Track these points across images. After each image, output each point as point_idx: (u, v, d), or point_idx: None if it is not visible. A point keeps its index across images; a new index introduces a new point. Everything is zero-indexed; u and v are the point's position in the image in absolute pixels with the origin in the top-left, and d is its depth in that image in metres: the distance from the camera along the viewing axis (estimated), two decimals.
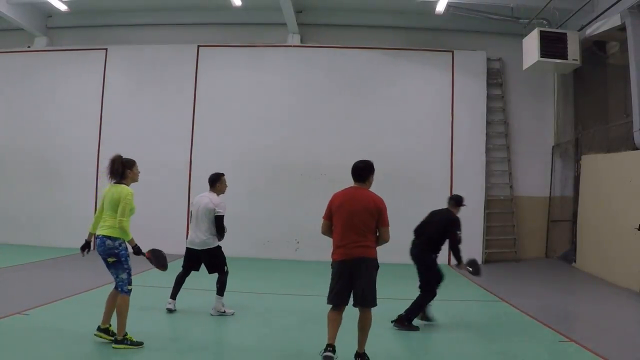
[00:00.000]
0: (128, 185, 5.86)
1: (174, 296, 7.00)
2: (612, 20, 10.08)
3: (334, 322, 4.89)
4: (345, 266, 4.86)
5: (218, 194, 7.22)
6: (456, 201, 7.06)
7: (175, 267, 7.12)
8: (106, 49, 13.27)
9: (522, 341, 6.11)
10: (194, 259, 7.10)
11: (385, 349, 5.58)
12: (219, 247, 7.11)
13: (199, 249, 7.01)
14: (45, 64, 13.39)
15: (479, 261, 11.01)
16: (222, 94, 12.89)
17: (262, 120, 12.75)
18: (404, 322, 6.37)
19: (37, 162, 13.18)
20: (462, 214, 7.10)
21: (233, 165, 12.43)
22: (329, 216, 5.05)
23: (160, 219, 12.52)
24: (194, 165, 12.74)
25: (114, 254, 5.56)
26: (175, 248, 12.62)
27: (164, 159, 12.73)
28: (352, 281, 4.84)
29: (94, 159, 13.00)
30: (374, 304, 4.89)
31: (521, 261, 12.58)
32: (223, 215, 7.03)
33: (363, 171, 5.14)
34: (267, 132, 12.71)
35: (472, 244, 12.41)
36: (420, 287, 6.69)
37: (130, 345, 5.26)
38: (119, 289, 5.51)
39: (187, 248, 7.15)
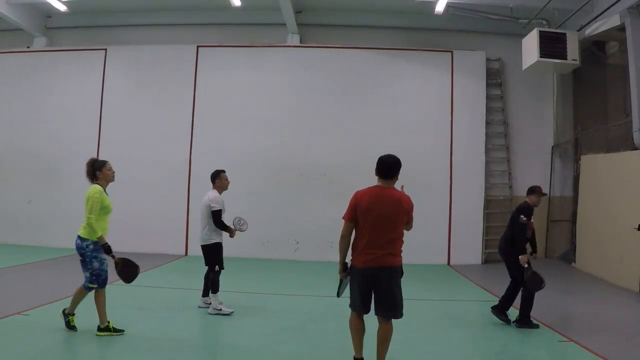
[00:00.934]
0: (104, 186, 5.98)
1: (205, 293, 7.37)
2: (611, 21, 10.09)
3: (359, 332, 4.67)
4: (369, 274, 4.53)
5: (219, 191, 7.32)
6: (531, 190, 7.25)
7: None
8: (106, 49, 13.27)
9: (522, 341, 6.11)
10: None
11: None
12: (215, 244, 7.20)
13: (200, 244, 7.34)
14: (45, 64, 13.38)
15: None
16: (221, 94, 12.89)
17: (261, 120, 12.75)
18: (524, 322, 6.67)
19: (36, 163, 13.17)
20: (463, 213, 7.10)
21: (232, 165, 12.38)
22: (353, 217, 4.58)
23: (160, 219, 12.53)
24: (194, 165, 12.74)
25: (81, 254, 5.87)
26: (175, 248, 12.73)
27: (164, 159, 12.74)
28: (376, 289, 4.55)
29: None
30: (401, 315, 4.65)
31: None
32: (218, 210, 7.07)
33: (393, 168, 4.65)
34: (266, 132, 12.72)
35: (472, 244, 12.44)
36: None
37: (112, 332, 5.67)
38: (83, 283, 5.89)
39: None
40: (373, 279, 4.51)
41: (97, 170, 5.95)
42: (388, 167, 4.64)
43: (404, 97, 12.73)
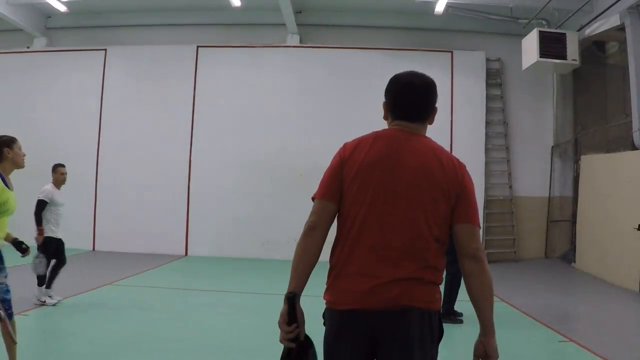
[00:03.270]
0: (8, 172, 4.54)
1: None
2: (611, 21, 10.09)
3: None
4: (365, 327, 2.12)
5: (57, 185, 7.39)
6: None
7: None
8: (105, 50, 13.27)
9: (522, 341, 6.11)
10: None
11: None
12: (47, 238, 6.84)
13: None
14: (45, 65, 13.37)
15: None
16: (221, 95, 12.89)
17: (261, 120, 12.75)
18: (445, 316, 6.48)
19: (36, 162, 12.98)
20: None
21: (232, 165, 12.45)
22: (334, 191, 2.21)
23: (160, 219, 12.53)
24: (193, 165, 12.74)
25: None
26: (175, 248, 12.73)
27: (164, 159, 12.74)
28: None
29: (93, 159, 13.00)
30: None
31: (521, 261, 12.58)
32: (41, 200, 7.00)
33: (424, 94, 2.43)
34: (266, 132, 12.71)
35: None
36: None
37: None
38: None
39: None
40: (373, 341, 2.12)
41: (4, 147, 4.34)
42: (416, 92, 2.41)
43: None
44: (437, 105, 2.46)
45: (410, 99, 2.36)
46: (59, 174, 7.49)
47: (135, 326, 6.20)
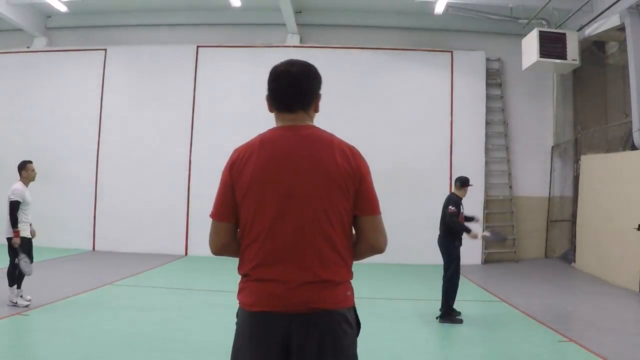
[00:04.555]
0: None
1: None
2: (611, 21, 10.09)
3: None
4: (274, 329, 2.07)
5: (26, 183, 7.12)
6: (461, 182, 7.27)
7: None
8: (105, 50, 13.27)
9: (522, 341, 6.11)
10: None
11: (387, 348, 5.58)
12: (9, 239, 6.71)
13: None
14: (45, 65, 13.37)
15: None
16: (221, 95, 12.89)
17: (261, 120, 12.64)
18: (445, 317, 6.58)
19: (36, 162, 13.04)
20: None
21: None
22: (230, 206, 2.16)
23: (160, 219, 12.53)
24: (193, 165, 12.74)
25: None
26: (175, 248, 12.73)
27: (163, 159, 12.74)
28: None
29: (93, 159, 13.00)
30: None
31: (521, 261, 12.59)
32: (15, 201, 6.78)
33: (302, 81, 2.30)
34: None
35: (472, 244, 12.40)
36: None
37: None
38: None
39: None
40: (283, 344, 2.06)
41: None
42: (295, 83, 2.27)
43: (404, 97, 12.73)
44: (321, 92, 2.37)
45: (289, 87, 2.24)
46: (29, 170, 7.22)
47: (135, 326, 6.20)
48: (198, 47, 13.11)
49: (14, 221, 6.66)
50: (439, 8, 11.51)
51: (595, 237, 10.75)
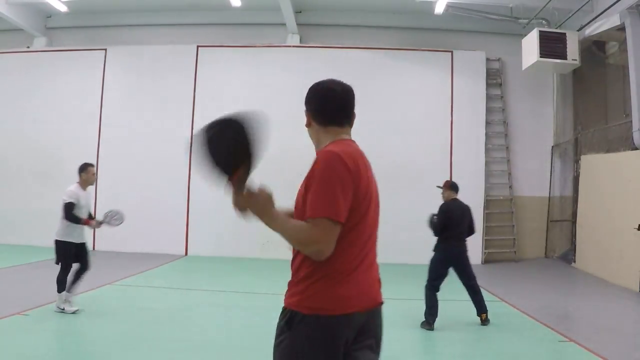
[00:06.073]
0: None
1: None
2: (611, 20, 10.09)
3: None
4: (357, 324, 2.18)
5: (83, 186, 6.90)
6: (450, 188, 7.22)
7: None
8: (105, 49, 13.27)
9: (522, 341, 6.11)
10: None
11: (385, 349, 5.57)
12: (66, 243, 6.65)
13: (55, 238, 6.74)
14: (45, 65, 13.37)
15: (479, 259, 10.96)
16: (221, 94, 12.87)
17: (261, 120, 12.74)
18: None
19: (36, 162, 13.17)
20: None
21: None
22: (347, 211, 2.14)
23: (160, 219, 12.53)
24: (194, 165, 12.74)
25: None
26: (174, 248, 12.73)
27: (164, 159, 12.73)
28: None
29: (93, 159, 12.97)
30: None
31: (520, 261, 12.59)
32: (69, 203, 6.59)
33: (352, 98, 2.49)
34: (266, 132, 12.71)
35: (471, 244, 12.37)
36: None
37: None
38: None
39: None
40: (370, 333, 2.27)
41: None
42: (350, 99, 2.49)
43: (404, 97, 12.73)
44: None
45: (352, 103, 2.55)
46: (90, 174, 6.95)
47: (135, 326, 6.20)
48: (198, 47, 13.12)
49: (75, 220, 6.52)
50: (439, 8, 11.51)
51: (595, 237, 10.75)
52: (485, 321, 6.57)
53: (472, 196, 12.61)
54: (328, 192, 2.10)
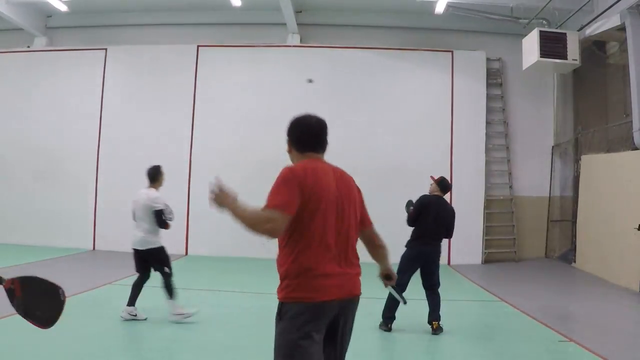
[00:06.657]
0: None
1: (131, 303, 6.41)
2: (611, 20, 10.09)
3: None
4: (330, 313, 2.76)
5: (157, 188, 7.08)
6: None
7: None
8: (106, 49, 13.26)
9: (522, 341, 6.12)
10: (138, 259, 6.67)
11: (385, 349, 5.58)
12: (161, 247, 6.74)
13: (137, 248, 6.63)
14: (45, 64, 13.36)
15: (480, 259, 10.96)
16: (221, 94, 12.89)
17: (261, 120, 12.73)
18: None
19: (36, 162, 13.17)
20: (462, 213, 7.10)
21: (232, 164, 12.42)
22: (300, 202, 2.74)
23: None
24: (194, 165, 12.74)
25: None
26: (175, 248, 12.66)
27: (164, 159, 12.65)
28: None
29: (93, 158, 13.00)
30: None
31: (521, 261, 12.59)
32: (161, 210, 6.79)
33: (324, 130, 3.01)
34: (266, 132, 12.67)
35: (471, 244, 12.44)
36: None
37: None
38: None
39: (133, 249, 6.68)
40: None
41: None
42: (321, 129, 3.01)
43: (404, 97, 12.73)
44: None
45: (319, 131, 3.10)
46: (164, 175, 7.30)
47: (135, 326, 6.20)
48: (198, 46, 13.11)
49: (166, 225, 6.82)
50: (439, 8, 11.51)
51: (595, 237, 10.75)
52: (437, 330, 6.18)
53: (472, 196, 12.69)
54: (276, 190, 2.78)
